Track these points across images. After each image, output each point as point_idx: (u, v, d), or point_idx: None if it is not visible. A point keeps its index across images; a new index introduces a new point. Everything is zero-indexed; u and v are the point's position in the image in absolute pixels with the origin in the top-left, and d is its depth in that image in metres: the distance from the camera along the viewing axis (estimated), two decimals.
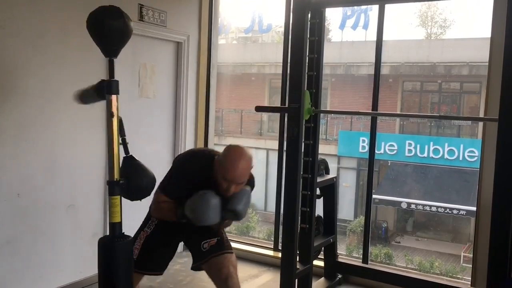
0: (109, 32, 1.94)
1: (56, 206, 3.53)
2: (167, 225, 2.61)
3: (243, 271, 4.28)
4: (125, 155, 2.09)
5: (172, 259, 2.76)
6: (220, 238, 2.65)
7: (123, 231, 2.03)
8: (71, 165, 3.60)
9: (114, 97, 1.93)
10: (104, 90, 1.95)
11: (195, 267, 2.68)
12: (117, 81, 1.95)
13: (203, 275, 2.80)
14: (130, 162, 2.10)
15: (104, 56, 3.69)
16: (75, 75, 3.55)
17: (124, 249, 1.93)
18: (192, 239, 2.67)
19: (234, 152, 2.43)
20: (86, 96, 2.15)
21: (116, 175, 1.93)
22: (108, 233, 3.82)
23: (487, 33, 3.63)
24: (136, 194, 2.11)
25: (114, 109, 1.92)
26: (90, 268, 3.75)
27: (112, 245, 1.90)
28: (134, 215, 2.69)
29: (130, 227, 2.32)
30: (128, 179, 2.00)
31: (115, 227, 1.92)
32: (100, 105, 3.75)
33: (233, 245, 4.68)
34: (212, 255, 2.57)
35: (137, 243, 2.61)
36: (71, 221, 3.64)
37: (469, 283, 3.78)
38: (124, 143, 2.08)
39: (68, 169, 3.59)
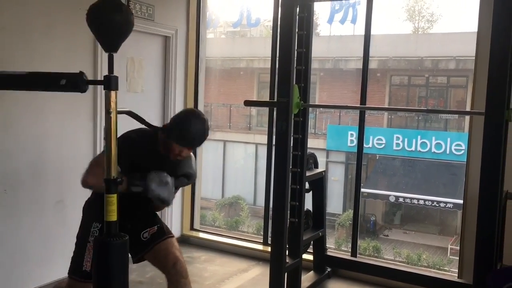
0: (109, 26, 1.85)
1: (43, 202, 3.50)
2: None
3: (233, 265, 4.29)
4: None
5: None
6: (160, 225, 2.63)
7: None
8: (58, 160, 3.57)
9: (113, 93, 1.85)
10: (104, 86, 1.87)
11: (138, 259, 2.64)
12: (116, 77, 1.86)
13: (191, 271, 2.80)
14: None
15: (90, 51, 3.68)
16: (61, 66, 3.51)
17: (120, 248, 1.90)
18: (131, 232, 2.50)
19: (191, 114, 2.45)
20: None
21: (113, 173, 1.88)
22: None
23: (474, 28, 3.66)
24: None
25: (113, 106, 1.85)
26: None
27: (108, 245, 1.88)
28: None
29: None
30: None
31: (111, 225, 1.87)
32: (89, 99, 3.74)
33: (222, 239, 4.74)
34: (155, 242, 2.57)
35: (87, 255, 2.53)
36: (59, 217, 3.61)
37: (456, 275, 3.83)
38: (149, 125, 2.07)
39: (56, 164, 3.56)
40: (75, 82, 1.82)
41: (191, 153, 2.56)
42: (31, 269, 3.44)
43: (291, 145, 3.38)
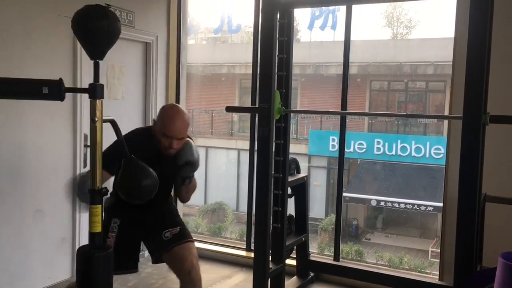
0: (94, 33, 1.83)
1: (22, 211, 3.44)
2: (129, 221, 2.58)
3: (215, 272, 4.27)
4: (125, 156, 2.05)
5: (140, 251, 2.74)
6: (183, 227, 2.65)
7: None
8: (37, 169, 3.52)
9: (98, 101, 1.82)
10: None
11: (156, 258, 2.65)
12: (102, 85, 1.84)
13: (173, 279, 2.77)
14: (132, 163, 2.07)
15: (69, 56, 3.65)
16: (39, 73, 3.46)
17: (104, 260, 1.86)
18: (154, 230, 2.63)
19: (170, 109, 2.60)
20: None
21: (98, 183, 1.84)
22: (76, 238, 3.78)
23: (451, 33, 3.72)
24: (136, 196, 2.11)
25: (98, 114, 1.81)
26: (59, 273, 3.68)
27: (92, 256, 1.82)
28: None
29: None
30: (129, 180, 1.96)
31: (95, 237, 1.83)
32: (68, 106, 3.70)
33: (205, 246, 4.72)
34: (175, 244, 2.57)
35: None
36: (38, 226, 3.55)
37: (437, 277, 3.87)
38: (123, 145, 2.04)
39: (35, 172, 3.50)
40: (57, 90, 1.79)
41: (191, 141, 2.57)
42: (10, 280, 3.37)
43: (273, 150, 3.39)
